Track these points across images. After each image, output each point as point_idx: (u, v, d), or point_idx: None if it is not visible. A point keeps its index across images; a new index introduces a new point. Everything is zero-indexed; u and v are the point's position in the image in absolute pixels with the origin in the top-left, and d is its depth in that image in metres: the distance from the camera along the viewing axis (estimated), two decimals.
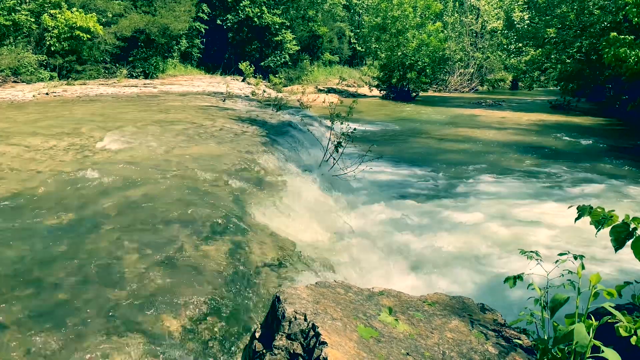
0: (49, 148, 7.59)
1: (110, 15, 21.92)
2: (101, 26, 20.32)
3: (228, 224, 4.98)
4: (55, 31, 19.17)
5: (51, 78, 19.09)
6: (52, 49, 19.33)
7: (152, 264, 4.01)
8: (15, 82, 17.99)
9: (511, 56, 34.14)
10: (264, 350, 2.35)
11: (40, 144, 7.83)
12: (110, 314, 3.35)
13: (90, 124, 9.72)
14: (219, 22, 29.39)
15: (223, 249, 4.46)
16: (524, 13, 29.05)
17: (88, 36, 19.73)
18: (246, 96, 18.19)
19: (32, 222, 4.78)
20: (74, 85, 18.38)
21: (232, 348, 3.27)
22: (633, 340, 1.93)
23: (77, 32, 19.31)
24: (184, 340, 3.20)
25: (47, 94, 15.42)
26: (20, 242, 4.33)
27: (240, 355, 3.04)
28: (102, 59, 21.62)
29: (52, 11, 19.33)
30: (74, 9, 19.67)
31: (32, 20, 19.13)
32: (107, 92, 17.00)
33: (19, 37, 18.98)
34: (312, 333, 2.25)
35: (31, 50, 19.08)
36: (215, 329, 3.36)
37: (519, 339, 2.52)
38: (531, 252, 2.74)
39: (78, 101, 14.27)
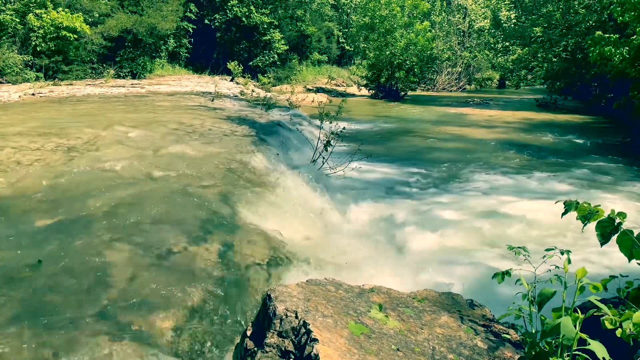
0: (36, 149, 7.51)
1: (97, 15, 21.71)
2: (88, 26, 20.12)
3: (218, 223, 4.98)
4: (41, 31, 18.94)
5: (37, 78, 18.87)
6: (38, 49, 19.10)
7: (142, 264, 4.00)
8: (0, 82, 17.78)
9: (498, 55, 34.38)
10: (256, 348, 2.36)
11: (27, 144, 7.75)
12: (100, 315, 3.34)
13: (77, 124, 9.63)
14: (206, 21, 29.26)
15: (213, 248, 4.46)
16: (511, 12, 29.27)
17: (75, 36, 19.52)
18: (235, 96, 18.13)
19: (20, 223, 4.74)
20: (60, 85, 18.19)
21: (224, 347, 3.27)
22: (618, 332, 1.96)
23: (64, 32, 19.10)
24: (175, 340, 3.20)
25: (33, 94, 15.23)
26: (9, 243, 4.29)
27: (231, 354, 3.05)
28: (89, 59, 21.40)
29: (37, 11, 19.10)
30: (60, 8, 19.46)
31: (17, 20, 18.89)
32: (94, 92, 16.85)
33: (3, 37, 18.72)
34: (303, 330, 2.26)
35: (16, 51, 18.84)
36: (207, 329, 3.36)
37: (508, 333, 2.56)
38: (519, 247, 2.78)
39: (65, 102, 14.13)
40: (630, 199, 8.50)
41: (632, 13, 13.19)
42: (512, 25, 28.26)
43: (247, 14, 28.76)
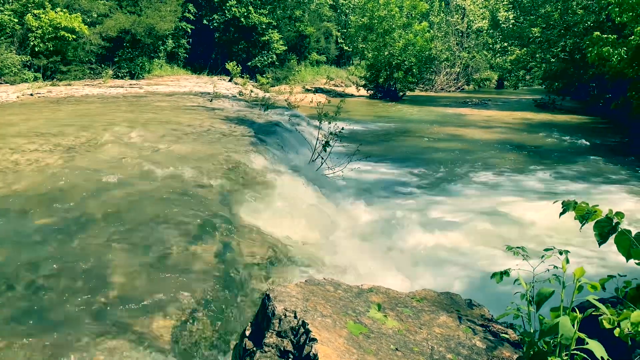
0: (35, 149, 7.51)
1: (95, 16, 21.67)
2: (86, 26, 20.09)
3: (217, 224, 4.97)
4: (39, 31, 18.91)
5: (35, 79, 18.83)
6: (36, 49, 19.06)
7: (141, 265, 4.00)
8: None
9: (497, 55, 34.44)
10: (255, 348, 2.35)
11: (26, 145, 7.74)
12: (99, 315, 3.34)
13: (75, 125, 9.62)
14: (205, 22, 29.22)
15: (212, 249, 4.46)
16: (509, 13, 29.33)
17: (73, 36, 19.48)
18: (233, 96, 18.12)
19: (18, 223, 4.73)
20: (58, 86, 18.16)
21: (223, 347, 3.27)
22: (616, 332, 1.97)
23: (62, 33, 19.07)
24: (174, 340, 3.19)
25: (31, 94, 15.22)
26: (7, 243, 4.28)
27: (230, 354, 3.05)
28: (87, 59, 21.35)
29: (35, 11, 19.06)
30: (58, 9, 19.43)
31: (16, 20, 18.86)
32: (92, 92, 16.84)
33: (1, 38, 18.68)
34: (302, 330, 2.26)
35: (14, 51, 18.80)
36: (206, 329, 3.36)
37: (506, 333, 2.56)
38: (517, 247, 2.78)
39: (63, 102, 14.12)
40: (629, 199, 8.51)
41: (630, 14, 13.22)
42: (511, 26, 28.32)
43: (245, 14, 28.74)
